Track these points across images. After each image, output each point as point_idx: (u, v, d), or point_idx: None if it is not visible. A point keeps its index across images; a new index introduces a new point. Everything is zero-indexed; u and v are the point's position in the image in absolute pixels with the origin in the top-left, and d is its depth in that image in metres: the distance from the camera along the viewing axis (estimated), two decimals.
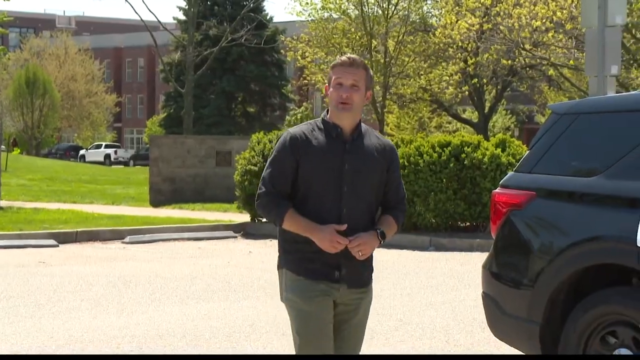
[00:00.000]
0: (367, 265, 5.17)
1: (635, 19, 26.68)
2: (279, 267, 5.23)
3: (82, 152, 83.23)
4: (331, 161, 5.01)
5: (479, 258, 7.39)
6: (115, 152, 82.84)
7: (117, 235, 18.19)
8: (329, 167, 5.00)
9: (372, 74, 5.16)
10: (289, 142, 5.05)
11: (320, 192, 5.01)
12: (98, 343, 8.92)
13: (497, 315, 6.97)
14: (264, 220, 19.90)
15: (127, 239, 17.84)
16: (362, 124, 5.13)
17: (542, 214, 6.82)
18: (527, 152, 7.29)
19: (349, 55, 5.14)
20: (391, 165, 5.18)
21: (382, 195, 5.18)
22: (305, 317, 5.00)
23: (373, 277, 5.30)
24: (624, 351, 6.23)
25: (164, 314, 10.42)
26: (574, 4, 26.91)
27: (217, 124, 60.33)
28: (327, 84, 5.10)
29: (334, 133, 5.05)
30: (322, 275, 5.01)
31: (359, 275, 5.13)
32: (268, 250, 16.82)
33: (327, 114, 5.12)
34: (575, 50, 28.72)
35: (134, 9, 57.79)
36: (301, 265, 5.04)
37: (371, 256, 5.16)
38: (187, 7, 44.14)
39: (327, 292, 5.01)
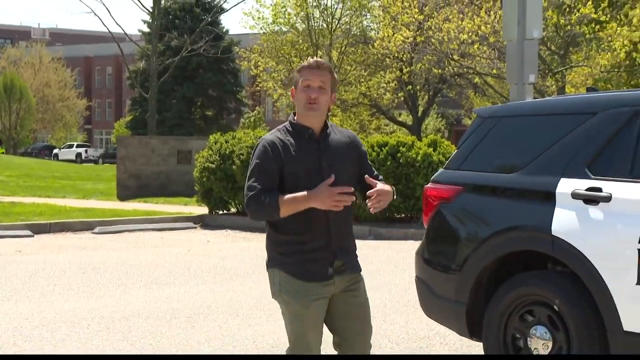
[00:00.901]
0: (354, 252, 5.05)
1: (550, 33, 26.93)
2: (269, 266, 5.01)
3: (55, 151, 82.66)
4: (310, 161, 4.82)
5: (413, 246, 7.42)
6: (86, 151, 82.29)
7: (87, 227, 18.12)
8: (309, 166, 4.80)
9: (336, 76, 4.98)
10: (270, 147, 4.80)
11: (307, 190, 4.73)
12: (70, 324, 8.87)
13: (429, 297, 7.01)
14: (221, 212, 19.91)
15: (96, 230, 17.78)
16: (327, 121, 4.96)
17: (468, 206, 6.87)
18: (455, 151, 7.33)
19: (315, 58, 4.93)
20: (360, 153, 5.04)
21: (360, 180, 4.97)
22: (302, 321, 4.85)
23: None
24: (540, 328, 6.29)
25: (130, 297, 10.38)
26: (496, 20, 27.12)
27: (179, 126, 60.13)
28: (293, 87, 4.92)
29: (307, 134, 4.86)
30: (318, 276, 4.82)
31: (350, 263, 4.97)
32: (224, 240, 16.83)
33: (294, 117, 4.92)
34: (498, 61, 28.90)
35: (102, 22, 57.98)
36: (296, 267, 4.83)
37: (355, 243, 5.07)
38: (150, 20, 43.70)
39: (323, 295, 4.84)
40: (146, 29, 59.55)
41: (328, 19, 38.61)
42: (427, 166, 17.25)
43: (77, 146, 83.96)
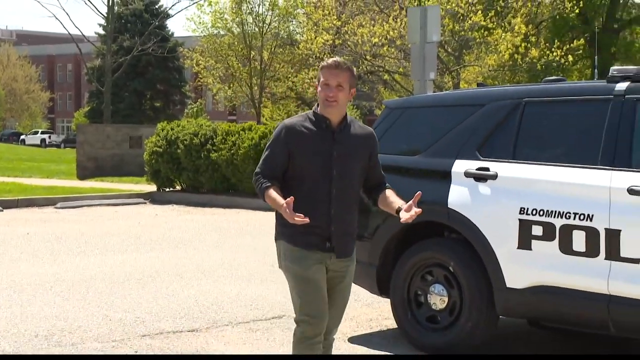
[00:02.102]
0: (352, 237, 4.74)
1: (447, 38, 27.16)
2: (276, 239, 4.73)
3: (22, 137, 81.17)
4: (321, 148, 4.55)
5: None
6: (50, 137, 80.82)
7: (50, 202, 17.81)
8: (320, 153, 4.54)
9: (355, 73, 4.71)
10: (284, 132, 4.58)
11: (314, 175, 4.54)
12: (35, 286, 8.73)
13: None
14: (167, 189, 19.79)
15: (58, 205, 17.49)
16: (348, 116, 4.70)
17: None
18: None
19: (335, 58, 4.66)
20: (373, 152, 4.76)
21: (368, 177, 4.76)
22: (304, 282, 4.57)
23: (258, 232, 5.16)
24: (438, 286, 6.37)
25: (88, 263, 10.25)
26: (402, 26, 27.24)
27: (131, 115, 59.42)
28: (316, 83, 4.66)
29: (324, 124, 4.58)
30: (316, 246, 4.56)
31: (346, 245, 4.67)
32: (170, 213, 16.70)
33: (318, 107, 4.65)
34: (404, 61, 29.10)
35: (63, 25, 57.09)
36: (297, 238, 4.56)
37: (355, 229, 4.77)
38: (105, 24, 43.21)
39: (321, 260, 4.58)
40: (102, 32, 58.70)
41: (260, 24, 38.50)
42: None
43: (42, 133, 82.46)
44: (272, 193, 4.47)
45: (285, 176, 4.59)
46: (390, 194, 4.74)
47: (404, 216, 4.53)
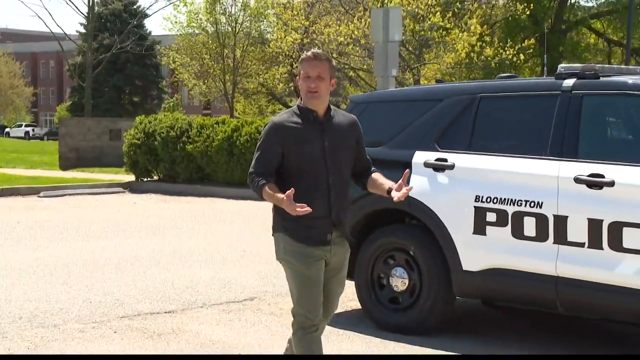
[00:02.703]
0: (347, 225, 4.55)
1: (408, 37, 27.21)
2: (275, 231, 4.52)
3: (7, 129, 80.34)
4: (313, 141, 4.37)
5: None
6: (33, 130, 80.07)
7: (34, 191, 17.64)
8: (312, 145, 4.36)
9: (334, 64, 4.53)
10: (274, 130, 4.40)
11: (310, 168, 4.35)
12: (18, 271, 8.63)
13: None
14: (145, 179, 19.68)
15: (41, 194, 17.32)
16: (331, 106, 4.52)
17: None
18: None
19: (313, 50, 4.47)
20: (359, 137, 4.59)
21: (355, 162, 4.57)
22: (303, 279, 4.39)
23: (231, 219, 5.08)
24: (399, 269, 6.38)
25: (70, 249, 10.16)
26: (366, 26, 27.23)
27: (111, 109, 58.87)
28: (298, 77, 4.46)
29: (311, 117, 4.39)
30: (318, 242, 4.37)
31: (345, 235, 4.51)
32: (148, 202, 16.62)
33: (301, 101, 4.46)
34: (368, 59, 29.10)
35: (45, 24, 56.17)
36: (300, 233, 4.36)
37: (349, 215, 4.58)
38: (86, 23, 42.80)
39: (321, 257, 4.39)
40: (83, 30, 58.09)
41: (232, 24, 38.31)
42: None
43: (26, 126, 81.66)
44: (269, 189, 4.30)
45: (282, 173, 4.41)
46: (378, 176, 4.61)
47: (396, 195, 4.35)
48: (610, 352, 6.03)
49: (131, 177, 20.08)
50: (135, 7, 62.07)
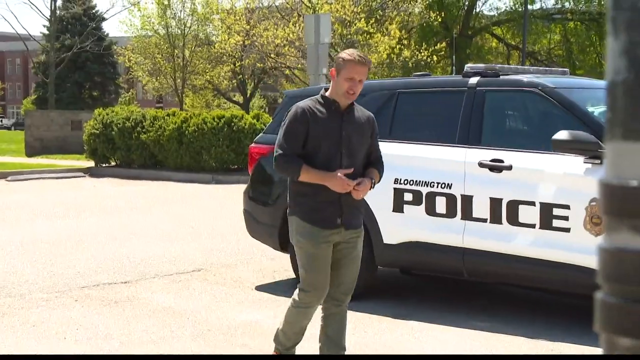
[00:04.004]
0: (360, 211, 4.29)
1: (337, 40, 27.23)
2: (289, 214, 4.22)
3: None
4: (332, 128, 4.10)
5: (243, 187, 7.39)
6: (1, 121, 78.13)
7: (2, 176, 17.23)
8: (330, 133, 4.09)
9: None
10: (300, 113, 4.11)
11: (325, 152, 4.08)
12: None
13: (253, 223, 7.00)
14: (104, 165, 19.35)
15: (9, 178, 16.95)
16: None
17: None
18: (271, 121, 7.31)
19: (360, 54, 4.15)
20: (374, 132, 4.33)
21: (367, 154, 4.30)
22: (312, 258, 4.12)
23: (180, 200, 5.01)
24: None
25: (36, 228, 9.94)
26: (300, 30, 27.19)
27: (72, 103, 57.48)
28: (334, 69, 4.14)
29: (333, 107, 4.13)
30: (327, 224, 4.09)
31: (356, 219, 4.22)
32: (106, 185, 16.35)
33: (325, 91, 4.19)
34: (301, 58, 29.02)
35: (11, 26, 54.32)
36: (310, 215, 4.10)
37: (363, 202, 4.31)
38: (49, 25, 41.80)
39: (329, 240, 4.12)
40: (46, 31, 56.68)
41: (182, 27, 37.92)
42: (252, 132, 17.17)
43: None
44: (310, 168, 4.04)
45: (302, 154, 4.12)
46: (369, 170, 4.27)
47: (354, 194, 4.10)
48: (506, 309, 6.14)
49: (91, 163, 19.74)
50: (93, 11, 60.72)
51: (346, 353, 4.38)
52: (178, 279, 7.13)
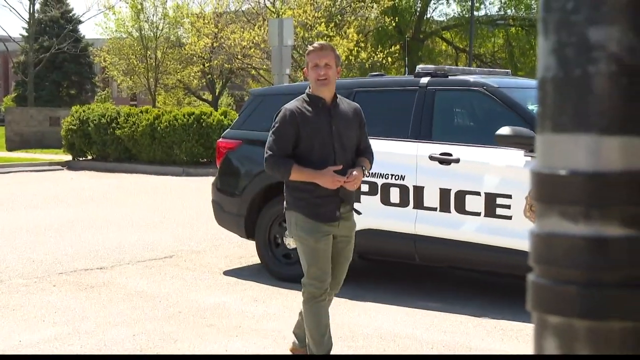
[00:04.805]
0: (353, 202, 4.11)
1: (299, 42, 27.17)
2: (287, 209, 4.02)
3: None
4: (322, 125, 3.94)
5: (211, 179, 7.34)
6: None
7: None
8: (321, 130, 3.93)
9: (338, 53, 4.07)
10: (289, 115, 3.94)
11: (319, 150, 3.91)
12: None
13: (221, 213, 6.96)
14: (81, 159, 19.07)
15: None
16: (337, 94, 4.10)
17: (245, 153, 6.84)
18: (237, 117, 7.27)
19: (319, 42, 4.07)
20: (361, 123, 4.15)
21: (358, 145, 4.14)
22: (314, 251, 3.94)
23: (153, 191, 4.92)
24: None
25: (17, 217, 9.76)
26: (264, 33, 27.09)
27: (51, 100, 56.46)
28: (305, 68, 4.04)
29: (320, 104, 3.97)
30: (327, 218, 3.92)
31: (351, 212, 4.07)
32: (83, 177, 16.11)
33: (310, 90, 4.04)
34: (266, 59, 28.91)
35: None
36: (310, 210, 3.91)
37: (354, 196, 4.14)
38: (28, 27, 41.13)
39: (330, 232, 3.96)
40: (25, 33, 55.65)
41: (154, 30, 37.47)
42: (220, 128, 17.03)
43: None
44: (300, 167, 3.87)
45: (296, 154, 3.94)
46: (360, 159, 4.10)
47: (348, 186, 3.94)
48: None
49: (68, 157, 19.45)
50: (70, 14, 59.78)
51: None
52: (151, 264, 7.06)
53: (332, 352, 4.11)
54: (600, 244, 0.59)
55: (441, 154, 5.67)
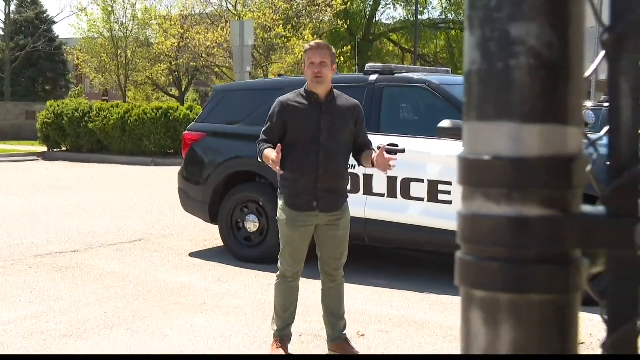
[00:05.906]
0: (340, 195, 3.91)
1: (259, 43, 27.03)
2: (279, 197, 3.92)
3: None
4: (311, 119, 3.81)
5: (178, 169, 7.25)
6: None
7: None
8: (309, 123, 3.81)
9: (334, 51, 3.91)
10: (278, 107, 3.87)
11: (304, 142, 3.80)
12: None
13: (186, 199, 6.90)
14: (56, 150, 18.68)
15: None
16: (335, 90, 3.93)
17: (209, 144, 6.78)
18: (202, 111, 7.20)
19: (316, 41, 3.97)
20: (358, 119, 3.94)
21: (355, 141, 3.94)
22: (288, 239, 3.87)
23: (123, 180, 4.83)
24: (252, 216, 6.35)
25: None
26: (227, 33, 26.90)
27: (27, 96, 54.85)
28: (303, 65, 3.89)
29: (313, 98, 3.84)
30: (304, 208, 3.81)
31: (332, 203, 3.85)
32: (58, 168, 15.77)
33: (307, 85, 3.88)
34: (229, 58, 28.68)
35: None
36: (290, 200, 3.83)
37: (344, 188, 3.93)
38: (4, 27, 40.17)
39: (308, 222, 3.84)
40: (1, 33, 54.20)
41: (124, 30, 36.93)
42: (187, 121, 16.84)
43: None
44: (266, 152, 3.75)
45: (283, 144, 3.82)
46: (367, 153, 3.92)
47: (379, 168, 3.75)
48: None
49: (44, 148, 19.04)
50: (45, 15, 58.38)
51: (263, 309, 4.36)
52: (121, 247, 6.96)
53: (299, 332, 4.09)
54: (521, 223, 0.59)
55: (389, 145, 5.69)
